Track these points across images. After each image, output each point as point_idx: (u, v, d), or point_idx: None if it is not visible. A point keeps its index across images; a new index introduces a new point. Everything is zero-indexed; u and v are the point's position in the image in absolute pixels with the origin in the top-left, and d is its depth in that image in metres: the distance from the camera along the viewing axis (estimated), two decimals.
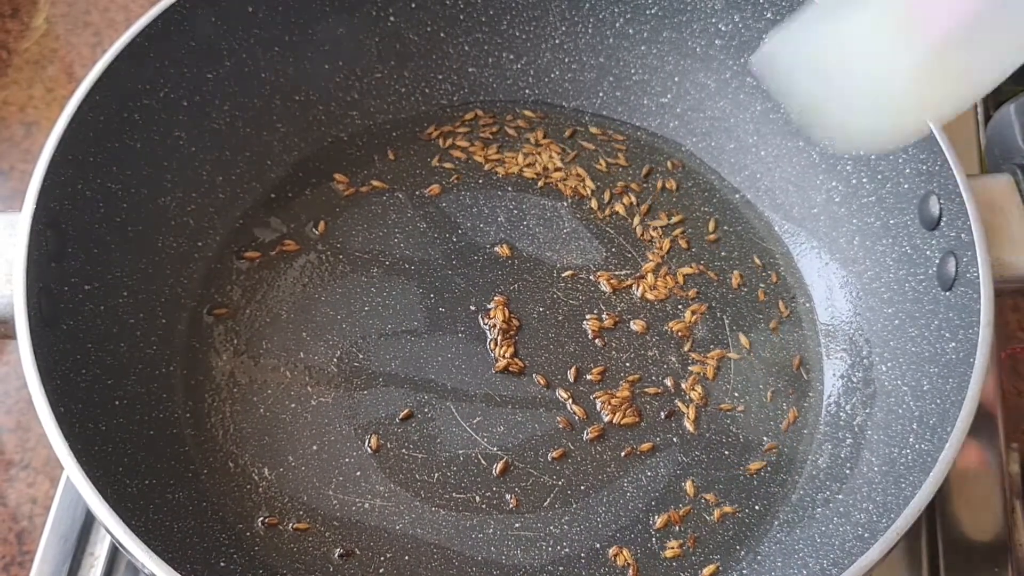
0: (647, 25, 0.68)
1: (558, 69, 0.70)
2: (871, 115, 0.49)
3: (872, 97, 0.48)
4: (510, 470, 0.58)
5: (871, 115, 0.49)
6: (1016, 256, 0.55)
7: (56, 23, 0.87)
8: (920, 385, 0.55)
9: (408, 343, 0.62)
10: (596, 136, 0.70)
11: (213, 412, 0.59)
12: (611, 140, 0.70)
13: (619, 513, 0.57)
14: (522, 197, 0.67)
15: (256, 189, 0.67)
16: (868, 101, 0.48)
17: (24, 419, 0.67)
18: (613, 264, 0.65)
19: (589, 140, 0.70)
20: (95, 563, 0.59)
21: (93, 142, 0.57)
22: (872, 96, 0.48)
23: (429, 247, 0.65)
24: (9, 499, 0.64)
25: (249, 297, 0.63)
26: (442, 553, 0.55)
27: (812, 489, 0.57)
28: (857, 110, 0.49)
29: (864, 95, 0.48)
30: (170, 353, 0.60)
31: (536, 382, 0.61)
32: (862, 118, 0.49)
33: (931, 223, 0.56)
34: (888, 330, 0.59)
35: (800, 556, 0.54)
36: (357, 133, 0.70)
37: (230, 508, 0.56)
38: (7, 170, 0.79)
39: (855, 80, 0.48)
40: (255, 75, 0.66)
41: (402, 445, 0.59)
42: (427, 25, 0.69)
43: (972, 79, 0.47)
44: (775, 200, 0.67)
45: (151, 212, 0.61)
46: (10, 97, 0.82)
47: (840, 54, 0.48)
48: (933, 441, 0.51)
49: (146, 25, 0.59)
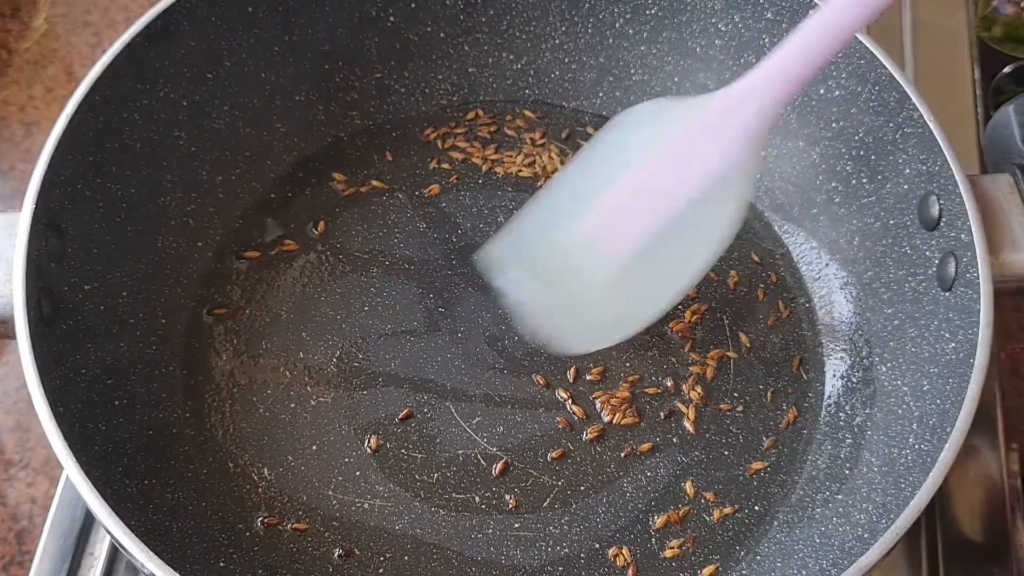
0: (647, 25, 0.68)
1: (558, 69, 0.70)
2: (578, 319, 0.55)
3: (577, 304, 0.54)
4: (509, 470, 0.58)
5: (578, 319, 0.55)
6: (1016, 256, 0.55)
7: (56, 23, 0.87)
8: (920, 385, 0.55)
9: (408, 343, 0.62)
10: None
11: (213, 412, 0.59)
12: None
13: (619, 513, 0.57)
14: (522, 197, 0.67)
15: (256, 189, 0.67)
16: (574, 307, 0.54)
17: (24, 419, 0.67)
18: None
19: (587, 140, 0.70)
20: (94, 563, 0.59)
21: (93, 142, 0.57)
22: (576, 304, 0.54)
23: (429, 247, 0.65)
24: (9, 499, 0.64)
25: (249, 297, 0.63)
26: (441, 553, 0.56)
27: (812, 489, 0.57)
28: (569, 313, 0.55)
29: (571, 302, 0.54)
30: (170, 353, 0.60)
31: (536, 382, 0.61)
32: (573, 321, 0.55)
33: (931, 223, 0.56)
34: (888, 330, 0.59)
35: (799, 556, 0.54)
36: (357, 133, 0.70)
37: (230, 508, 0.56)
38: (7, 170, 0.79)
39: (563, 288, 0.53)
40: (255, 75, 0.66)
41: (401, 445, 0.59)
42: (427, 25, 0.69)
43: (658, 294, 0.53)
44: (775, 200, 0.67)
45: (151, 212, 0.61)
46: (10, 97, 0.82)
47: (550, 264, 0.53)
48: (933, 441, 0.51)
49: (146, 25, 0.59)
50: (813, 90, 0.63)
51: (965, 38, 0.80)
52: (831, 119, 0.63)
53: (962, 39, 0.80)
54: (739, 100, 0.49)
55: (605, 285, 0.51)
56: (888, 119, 0.59)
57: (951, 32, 0.80)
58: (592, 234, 0.50)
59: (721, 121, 0.49)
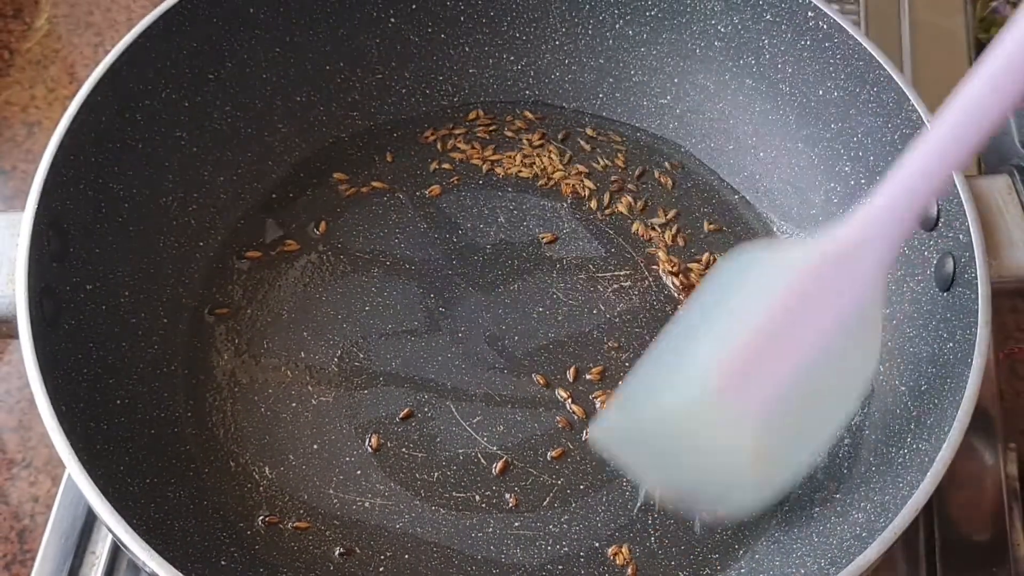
0: (647, 27, 0.68)
1: (558, 70, 0.71)
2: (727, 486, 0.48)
3: (719, 472, 0.47)
4: (509, 469, 0.58)
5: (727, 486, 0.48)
6: (1014, 257, 0.55)
7: (58, 23, 0.87)
8: (918, 385, 0.55)
9: (408, 343, 0.62)
10: (595, 137, 0.70)
11: (214, 411, 0.60)
12: (610, 141, 0.70)
13: (618, 512, 0.57)
14: (522, 198, 0.68)
15: (257, 189, 0.67)
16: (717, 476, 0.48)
17: (26, 418, 0.67)
18: (613, 264, 0.65)
19: (588, 141, 0.70)
20: (96, 562, 0.59)
21: (95, 142, 0.57)
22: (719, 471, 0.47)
23: (429, 247, 0.66)
24: (11, 498, 0.65)
25: (250, 297, 0.63)
26: (442, 552, 0.56)
27: (810, 488, 0.57)
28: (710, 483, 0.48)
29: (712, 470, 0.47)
30: (171, 352, 0.61)
31: (536, 382, 0.61)
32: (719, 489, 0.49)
33: (929, 224, 0.57)
34: (886, 330, 0.59)
35: (798, 555, 0.54)
36: (358, 134, 0.70)
37: (231, 507, 0.57)
38: (9, 170, 0.79)
39: (701, 457, 0.47)
40: (256, 76, 0.66)
41: (402, 444, 0.59)
42: (427, 26, 0.69)
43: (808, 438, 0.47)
44: (774, 201, 0.67)
45: (152, 212, 0.62)
46: (12, 97, 0.82)
47: (675, 433, 0.46)
48: (931, 441, 0.51)
49: (148, 26, 0.59)
50: (812, 91, 0.63)
51: (964, 39, 0.80)
52: (830, 120, 0.63)
53: (961, 40, 0.80)
54: (858, 242, 0.43)
55: (740, 449, 0.45)
56: (887, 120, 0.59)
57: (950, 33, 0.80)
58: (720, 396, 0.44)
59: (841, 269, 0.44)
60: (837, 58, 0.61)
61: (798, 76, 0.64)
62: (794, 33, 0.62)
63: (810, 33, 0.62)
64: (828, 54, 0.61)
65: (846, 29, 0.60)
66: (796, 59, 0.63)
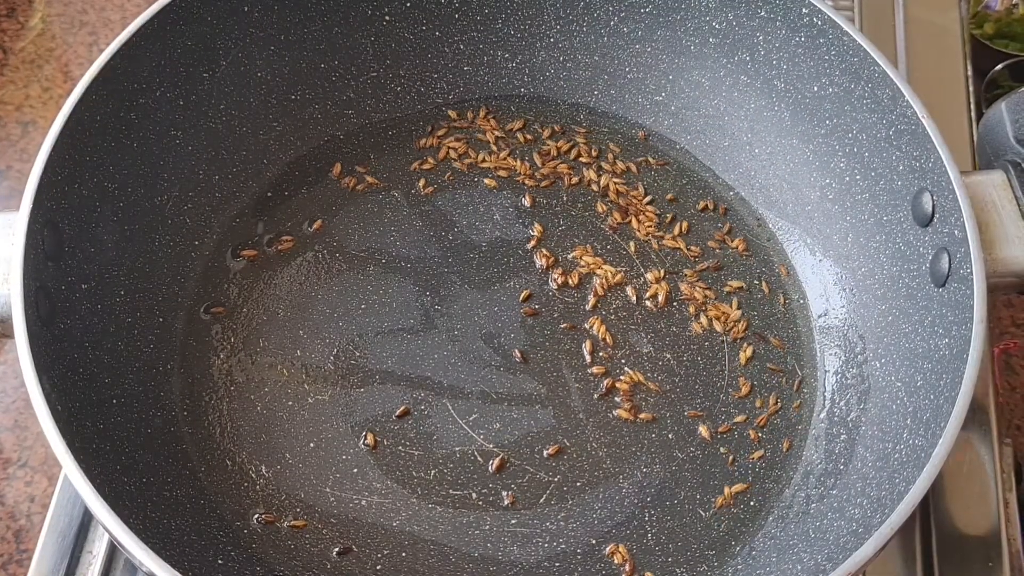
0: (641, 23, 0.68)
1: (553, 67, 0.71)
2: None
3: None
4: (506, 467, 0.58)
5: None
6: (1009, 252, 0.55)
7: (52, 22, 0.87)
8: (914, 381, 0.55)
9: (404, 341, 0.62)
10: (590, 133, 0.70)
11: (210, 410, 0.60)
12: (605, 138, 0.70)
13: (615, 510, 0.57)
14: (517, 195, 0.68)
15: (252, 188, 0.67)
16: None
17: (22, 418, 0.67)
18: (609, 261, 0.65)
19: (584, 138, 0.70)
20: (93, 561, 0.59)
21: (90, 141, 0.57)
22: None
23: (425, 245, 0.66)
24: (7, 498, 0.65)
25: (246, 295, 0.63)
26: (439, 549, 0.56)
27: (806, 484, 0.57)
28: None
29: None
30: (167, 351, 0.61)
31: (535, 381, 0.61)
32: None
33: (924, 219, 0.57)
34: (882, 326, 0.59)
35: (795, 551, 0.54)
36: (353, 132, 0.70)
37: (227, 506, 0.57)
38: (4, 170, 0.79)
39: None
40: (251, 74, 0.66)
41: (398, 442, 0.59)
42: (422, 24, 0.69)
43: None
44: (769, 197, 0.67)
45: (148, 211, 0.62)
46: (7, 97, 0.82)
47: None
48: (927, 436, 0.51)
49: (142, 24, 0.59)
50: (807, 88, 0.63)
51: (957, 35, 0.80)
52: (824, 116, 0.63)
53: (954, 36, 0.80)
54: None
55: None
56: (881, 116, 0.59)
57: (943, 29, 0.80)
58: None
59: None
60: (832, 54, 0.61)
61: (793, 72, 0.64)
62: (789, 29, 0.62)
63: (804, 29, 0.62)
64: (823, 50, 0.61)
65: (841, 25, 0.60)
66: (791, 55, 0.63)
